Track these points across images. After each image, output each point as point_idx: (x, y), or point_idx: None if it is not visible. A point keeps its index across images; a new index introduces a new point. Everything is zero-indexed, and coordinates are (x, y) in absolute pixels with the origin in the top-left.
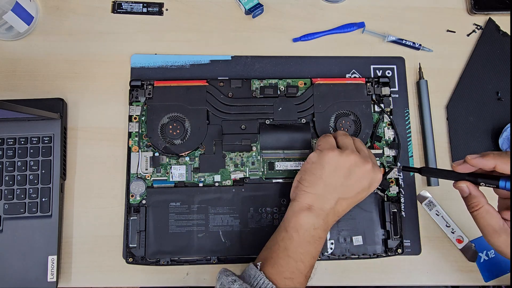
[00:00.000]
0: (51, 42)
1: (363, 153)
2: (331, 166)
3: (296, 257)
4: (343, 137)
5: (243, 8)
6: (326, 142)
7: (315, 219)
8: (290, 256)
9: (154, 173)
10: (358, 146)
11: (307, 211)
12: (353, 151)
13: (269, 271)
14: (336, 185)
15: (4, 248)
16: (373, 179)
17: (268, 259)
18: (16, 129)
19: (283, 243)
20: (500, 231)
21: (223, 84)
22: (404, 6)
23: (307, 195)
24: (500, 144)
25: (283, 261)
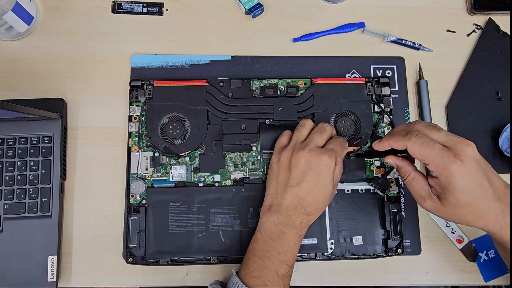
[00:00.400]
0: (51, 42)
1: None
2: (278, 165)
3: (262, 255)
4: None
5: (243, 8)
6: (276, 145)
7: (274, 215)
8: (256, 255)
9: (154, 173)
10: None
11: (267, 211)
12: (292, 147)
13: (241, 273)
14: (285, 179)
15: (4, 248)
16: (315, 163)
17: (242, 264)
18: (16, 129)
19: (251, 245)
20: (425, 196)
21: (223, 84)
22: (404, 6)
23: (266, 198)
24: (500, 144)
25: (251, 261)
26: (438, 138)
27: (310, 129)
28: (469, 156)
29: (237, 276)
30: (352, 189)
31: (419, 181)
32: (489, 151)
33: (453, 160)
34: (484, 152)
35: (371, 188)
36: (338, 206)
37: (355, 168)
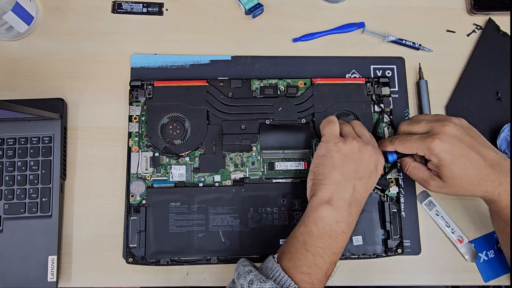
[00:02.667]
0: (51, 42)
1: (364, 137)
2: (340, 154)
3: (315, 252)
4: (343, 126)
5: (243, 8)
6: (330, 133)
7: (337, 212)
8: (308, 250)
9: (154, 173)
10: (359, 131)
11: (327, 205)
12: (354, 137)
13: (286, 265)
14: (350, 171)
15: (4, 248)
16: (377, 160)
17: (286, 253)
18: (16, 129)
19: (302, 237)
20: (428, 179)
21: (223, 84)
22: (404, 6)
23: (325, 187)
24: (498, 145)
25: (301, 255)
26: (418, 129)
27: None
28: (445, 134)
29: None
30: None
31: (418, 168)
32: None
33: (430, 140)
34: None
35: None
36: None
37: None
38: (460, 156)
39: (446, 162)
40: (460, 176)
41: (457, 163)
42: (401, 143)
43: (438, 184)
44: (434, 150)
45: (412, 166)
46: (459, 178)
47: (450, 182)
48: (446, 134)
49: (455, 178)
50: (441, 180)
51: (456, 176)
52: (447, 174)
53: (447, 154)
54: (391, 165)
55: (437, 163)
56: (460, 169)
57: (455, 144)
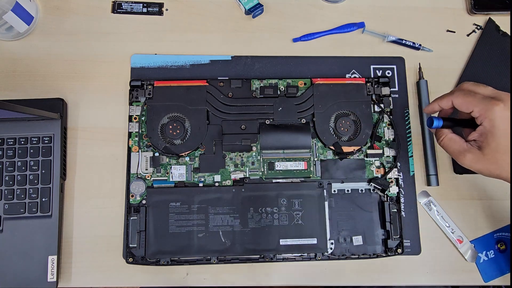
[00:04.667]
0: (51, 42)
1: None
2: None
3: None
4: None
5: (243, 8)
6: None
7: None
8: None
9: (154, 173)
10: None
11: None
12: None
13: None
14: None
15: (4, 248)
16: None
17: None
18: (16, 129)
19: None
20: (464, 151)
21: (223, 84)
22: (404, 6)
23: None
24: None
25: None
26: (484, 91)
27: None
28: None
29: None
30: (352, 189)
31: (455, 140)
32: None
33: (495, 103)
34: None
35: (371, 188)
36: (338, 206)
37: (355, 168)
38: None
39: (499, 131)
40: (505, 151)
41: (508, 137)
42: (464, 96)
43: (476, 157)
44: (494, 114)
45: (448, 138)
46: (503, 153)
47: (490, 156)
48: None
49: (498, 152)
50: (480, 153)
51: (500, 150)
52: (492, 145)
53: (504, 122)
54: (391, 165)
55: (488, 130)
56: (507, 144)
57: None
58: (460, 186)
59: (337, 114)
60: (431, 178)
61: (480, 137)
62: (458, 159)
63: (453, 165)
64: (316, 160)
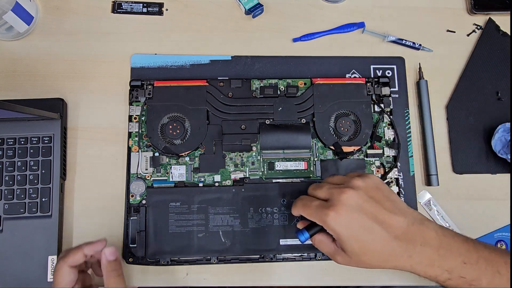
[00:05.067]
0: (51, 42)
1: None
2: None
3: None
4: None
5: (243, 8)
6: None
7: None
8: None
9: (154, 173)
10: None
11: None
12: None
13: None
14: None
15: (4, 248)
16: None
17: None
18: (16, 129)
19: None
20: (334, 254)
21: (223, 84)
22: (404, 6)
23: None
24: (493, 146)
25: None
26: (320, 194)
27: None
28: (342, 204)
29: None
30: None
31: (324, 242)
32: (489, 151)
33: (326, 212)
34: (484, 152)
35: None
36: None
37: (355, 168)
38: (360, 230)
39: (345, 238)
40: (364, 252)
41: (357, 239)
42: (302, 208)
43: (345, 259)
44: (330, 225)
45: (317, 240)
46: (363, 254)
47: (355, 258)
48: (343, 205)
49: (358, 254)
50: (346, 255)
51: (358, 253)
52: (349, 250)
53: (344, 228)
54: (391, 165)
55: (336, 237)
56: (362, 245)
57: (353, 216)
58: (460, 186)
59: (337, 114)
60: (431, 178)
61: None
62: (333, 259)
63: (453, 165)
64: (316, 160)
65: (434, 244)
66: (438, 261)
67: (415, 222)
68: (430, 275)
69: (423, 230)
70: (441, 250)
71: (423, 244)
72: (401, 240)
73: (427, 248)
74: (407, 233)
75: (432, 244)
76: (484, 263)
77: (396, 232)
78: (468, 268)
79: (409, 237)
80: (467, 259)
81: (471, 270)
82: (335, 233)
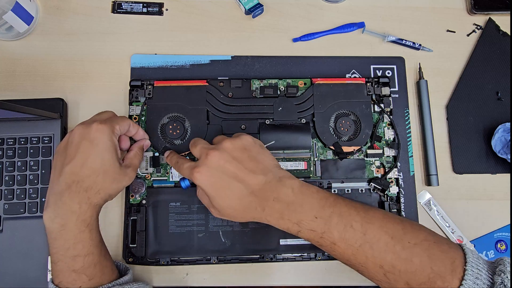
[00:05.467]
0: (51, 42)
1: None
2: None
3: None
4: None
5: (243, 8)
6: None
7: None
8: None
9: (154, 173)
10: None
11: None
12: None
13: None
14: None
15: (4, 248)
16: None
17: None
18: (16, 129)
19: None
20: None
21: (223, 84)
22: (404, 6)
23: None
24: (493, 146)
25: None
26: (195, 153)
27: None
28: (207, 165)
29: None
30: (352, 189)
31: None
32: (489, 151)
33: (193, 171)
34: (484, 152)
35: (371, 188)
36: None
37: (355, 168)
38: (220, 188)
39: (209, 194)
40: (226, 206)
41: (219, 195)
42: (176, 165)
43: (216, 212)
44: (196, 182)
45: (199, 193)
46: (226, 208)
47: (222, 212)
48: (206, 166)
49: (222, 208)
50: (216, 209)
51: (223, 207)
52: (215, 205)
53: (206, 187)
54: (391, 165)
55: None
56: (223, 200)
57: (215, 176)
58: (460, 186)
59: (337, 114)
60: (431, 178)
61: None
62: (210, 211)
63: (453, 165)
64: (316, 160)
65: (286, 199)
66: (288, 214)
67: (273, 180)
68: (283, 227)
69: (279, 187)
70: (292, 205)
71: (275, 199)
72: (256, 196)
73: (278, 203)
74: (263, 189)
75: (283, 200)
76: (337, 218)
77: (253, 188)
78: (318, 222)
79: (264, 193)
80: (319, 214)
81: (322, 224)
82: (203, 191)
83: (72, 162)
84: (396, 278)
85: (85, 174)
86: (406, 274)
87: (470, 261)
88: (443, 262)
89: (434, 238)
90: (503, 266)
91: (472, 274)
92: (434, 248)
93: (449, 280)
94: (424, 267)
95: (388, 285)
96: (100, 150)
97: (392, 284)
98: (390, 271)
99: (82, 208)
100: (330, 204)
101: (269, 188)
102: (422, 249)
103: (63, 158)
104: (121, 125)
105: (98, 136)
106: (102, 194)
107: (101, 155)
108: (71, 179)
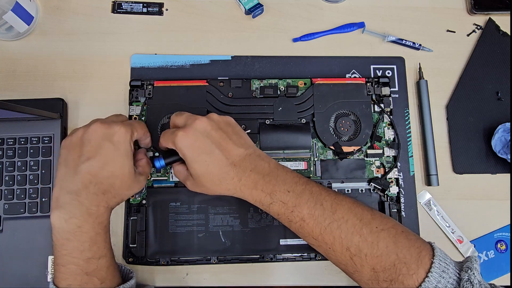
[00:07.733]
0: (51, 42)
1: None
2: (62, 149)
3: (64, 262)
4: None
5: (243, 8)
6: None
7: (64, 210)
8: (58, 264)
9: (154, 173)
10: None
11: (54, 210)
12: (75, 129)
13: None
14: (74, 158)
15: (4, 248)
16: (105, 133)
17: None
18: (16, 129)
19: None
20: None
21: (223, 84)
22: (404, 6)
23: (54, 190)
24: (493, 146)
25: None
26: (179, 121)
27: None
28: (193, 128)
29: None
30: (352, 189)
31: (180, 171)
32: (489, 151)
33: (176, 133)
34: (484, 152)
35: (371, 188)
36: None
37: (355, 168)
38: (202, 153)
39: (188, 159)
40: (202, 174)
41: (198, 160)
42: (162, 136)
43: (192, 182)
44: (177, 144)
45: (176, 170)
46: (202, 176)
47: (197, 180)
48: (192, 128)
49: (198, 176)
50: (192, 179)
51: (198, 174)
52: (191, 171)
53: (188, 149)
54: (391, 165)
55: (183, 158)
56: (201, 167)
57: (199, 140)
58: (460, 186)
59: (337, 114)
60: (431, 178)
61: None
62: (184, 184)
63: (453, 165)
64: (316, 160)
65: (263, 172)
66: (262, 184)
67: (253, 155)
68: (256, 198)
69: (258, 161)
70: (267, 177)
71: (253, 170)
72: (235, 166)
73: (255, 174)
74: (242, 161)
75: (260, 171)
76: (308, 195)
77: (233, 159)
78: (290, 195)
79: (243, 164)
80: (291, 189)
81: (293, 198)
82: (181, 153)
83: (91, 162)
84: (362, 262)
85: (104, 176)
86: (372, 259)
87: (438, 255)
88: (409, 250)
89: (402, 228)
90: (470, 263)
91: (439, 267)
92: (401, 236)
93: (414, 268)
94: (390, 253)
95: (354, 270)
96: (122, 155)
97: (359, 269)
98: (356, 254)
99: (100, 210)
100: (303, 183)
101: (248, 160)
102: (388, 235)
103: (78, 155)
104: (139, 131)
105: (121, 140)
106: (118, 199)
107: (122, 160)
108: (88, 179)
